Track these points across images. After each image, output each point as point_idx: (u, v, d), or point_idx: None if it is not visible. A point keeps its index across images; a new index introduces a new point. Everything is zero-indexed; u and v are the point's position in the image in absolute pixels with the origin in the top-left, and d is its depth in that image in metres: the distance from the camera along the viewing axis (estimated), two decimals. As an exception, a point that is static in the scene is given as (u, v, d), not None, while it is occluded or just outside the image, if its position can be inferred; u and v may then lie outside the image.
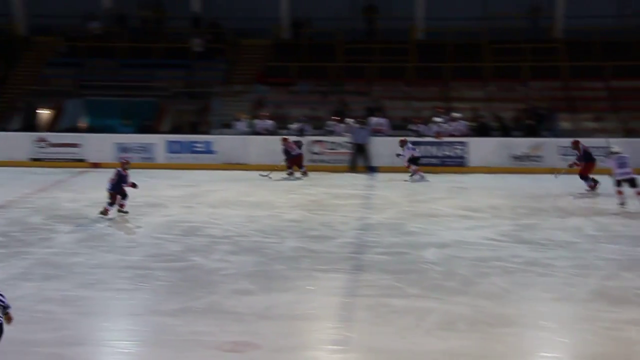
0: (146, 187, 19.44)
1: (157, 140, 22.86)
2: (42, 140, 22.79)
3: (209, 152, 22.34)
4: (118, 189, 15.57)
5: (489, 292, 11.06)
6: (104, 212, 15.47)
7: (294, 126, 23.28)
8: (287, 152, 21.09)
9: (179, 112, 25.57)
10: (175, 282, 11.61)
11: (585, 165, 18.54)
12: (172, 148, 22.39)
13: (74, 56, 27.08)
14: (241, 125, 23.33)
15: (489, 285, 11.39)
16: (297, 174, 21.05)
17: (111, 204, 15.58)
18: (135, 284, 11.50)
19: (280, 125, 23.52)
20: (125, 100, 24.83)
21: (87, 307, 10.50)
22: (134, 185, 15.78)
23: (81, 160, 22.46)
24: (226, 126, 23.63)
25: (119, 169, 15.77)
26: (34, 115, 25.56)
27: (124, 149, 22.52)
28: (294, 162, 21.13)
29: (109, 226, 15.07)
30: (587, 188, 18.45)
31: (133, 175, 19.57)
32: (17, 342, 9.19)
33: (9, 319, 7.95)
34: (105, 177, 20.19)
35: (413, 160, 20.84)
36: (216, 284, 11.48)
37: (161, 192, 18.86)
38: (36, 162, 22.37)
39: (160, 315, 10.19)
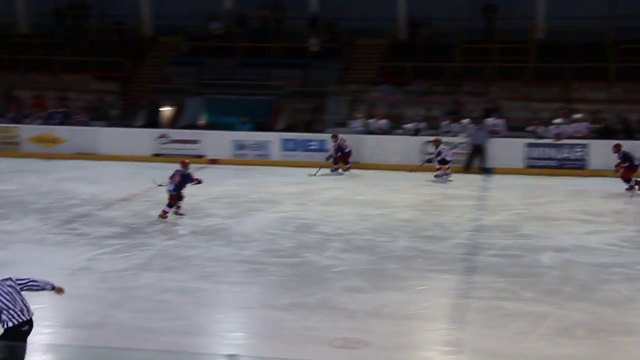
0: (261, 183, 19.84)
1: (273, 138, 23.25)
2: (164, 136, 23.58)
3: (323, 150, 22.51)
4: (180, 190, 15.10)
5: (610, 299, 10.65)
6: (163, 215, 15.05)
7: (409, 126, 23.16)
8: (340, 148, 21.42)
9: (295, 110, 25.89)
10: (287, 277, 11.77)
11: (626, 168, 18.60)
12: (287, 146, 22.71)
13: (196, 55, 27.88)
14: (355, 124, 23.40)
15: (610, 292, 10.97)
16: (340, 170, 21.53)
17: (170, 205, 15.14)
18: (249, 277, 11.74)
19: (394, 125, 23.44)
20: (243, 98, 25.36)
21: (203, 299, 10.79)
22: (199, 182, 15.39)
23: (200, 156, 23.11)
24: (340, 125, 23.76)
25: (181, 169, 15.30)
26: (156, 112, 26.50)
27: (240, 146, 23.01)
28: (343, 159, 21.47)
29: (224, 221, 15.42)
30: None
31: (248, 172, 20.00)
32: (138, 329, 9.57)
33: (59, 290, 8.39)
34: (222, 174, 20.87)
35: (443, 162, 20.76)
36: (328, 280, 11.57)
37: (275, 188, 19.15)
38: (158, 157, 23.16)
39: (272, 309, 10.36)
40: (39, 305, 10.37)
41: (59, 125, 24.16)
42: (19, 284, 7.98)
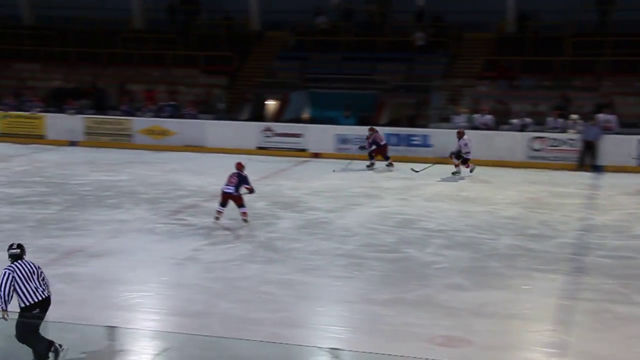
0: (362, 178, 19.84)
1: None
2: (268, 130, 23.90)
3: (426, 145, 22.28)
4: (238, 190, 14.44)
5: None
6: (217, 217, 14.50)
7: (515, 122, 22.63)
8: (376, 142, 21.12)
9: (398, 105, 25.73)
10: (388, 272, 11.73)
11: None
12: (390, 140, 22.59)
13: (301, 50, 28.10)
14: (459, 119, 23.05)
15: None
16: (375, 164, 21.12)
17: (240, 205, 14.49)
18: (349, 272, 11.77)
19: (500, 121, 22.95)
20: (346, 92, 25.38)
21: (304, 292, 10.90)
22: (251, 190, 14.57)
23: (303, 150, 23.30)
24: (444, 120, 23.46)
25: (238, 171, 14.64)
26: (261, 106, 26.88)
27: (343, 140, 23.05)
28: (379, 152, 21.23)
29: (326, 215, 15.50)
30: None
31: (350, 166, 19.99)
32: (241, 320, 9.76)
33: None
34: (324, 167, 20.97)
35: (458, 156, 19.85)
36: (429, 277, 11.47)
37: (377, 183, 19.11)
38: (262, 150, 23.50)
39: (372, 304, 10.36)
40: (146, 293, 10.81)
41: (169, 118, 24.85)
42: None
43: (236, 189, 14.35)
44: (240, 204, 14.45)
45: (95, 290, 10.82)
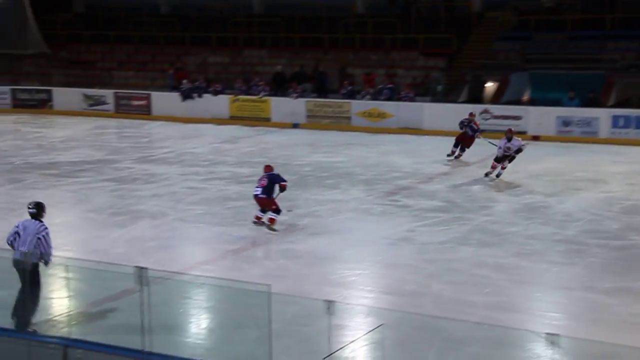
0: (586, 162, 18.94)
1: (601, 115, 22.00)
2: (486, 112, 23.46)
3: (659, 127, 20.86)
4: (271, 193, 13.00)
5: None
6: (256, 222, 13.15)
7: None
8: (473, 129, 19.23)
9: (628, 85, 24.23)
10: (611, 260, 11.16)
11: None
12: (618, 123, 21.36)
13: (524, 30, 27.24)
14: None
15: None
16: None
17: (263, 210, 13.11)
18: (569, 258, 11.33)
19: None
20: (570, 73, 24.30)
21: (520, 276, 10.65)
22: (284, 187, 13.06)
23: (522, 133, 22.62)
24: (680, 100, 21.82)
25: (267, 172, 13.28)
26: (480, 87, 26.42)
27: (565, 122, 22.13)
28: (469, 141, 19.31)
29: (545, 199, 14.98)
30: None
31: (572, 150, 19.13)
32: (454, 301, 9.73)
33: None
34: (545, 150, 20.26)
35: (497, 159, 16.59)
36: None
37: (602, 167, 18.17)
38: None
39: (594, 292, 9.92)
40: (361, 271, 11.07)
41: (387, 101, 25.14)
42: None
43: (265, 192, 12.92)
44: (271, 207, 12.99)
45: (314, 266, 11.25)
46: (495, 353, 8.12)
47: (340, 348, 7.08)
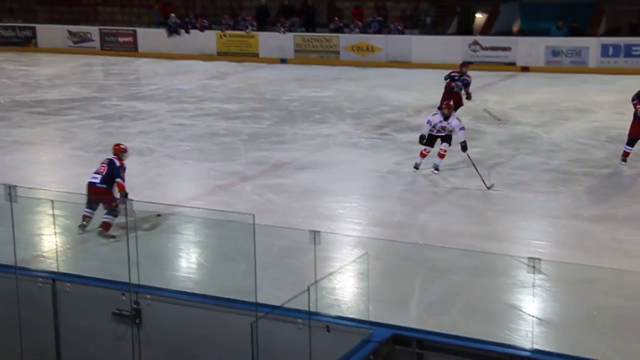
0: (574, 92, 18.91)
1: (591, 44, 21.89)
2: (476, 43, 23.31)
3: (648, 56, 20.79)
4: (110, 185, 9.71)
5: None
6: (84, 224, 9.61)
7: None
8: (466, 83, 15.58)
9: (618, 13, 24.03)
10: (597, 188, 11.27)
11: None
12: (607, 52, 21.26)
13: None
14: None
15: None
16: None
17: (93, 206, 9.67)
18: (555, 187, 11.41)
19: None
20: (560, 2, 24.08)
21: (507, 206, 10.74)
22: (124, 194, 9.46)
23: (511, 64, 22.55)
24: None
25: (114, 156, 9.95)
26: (470, 19, 26.19)
27: (554, 52, 22.02)
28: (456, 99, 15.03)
29: (533, 129, 15.00)
30: None
31: (561, 80, 18.98)
32: (441, 231, 9.83)
33: None
34: (534, 82, 20.22)
35: None
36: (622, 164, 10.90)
37: (590, 97, 18.15)
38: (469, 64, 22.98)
39: (579, 219, 10.01)
40: (349, 204, 11.14)
41: (375, 34, 24.92)
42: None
43: (105, 180, 9.67)
44: (108, 204, 9.56)
45: (302, 200, 11.29)
46: (479, 280, 8.26)
47: (325, 276, 7.16)
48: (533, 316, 7.42)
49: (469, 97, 15.41)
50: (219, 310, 6.78)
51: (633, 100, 12.14)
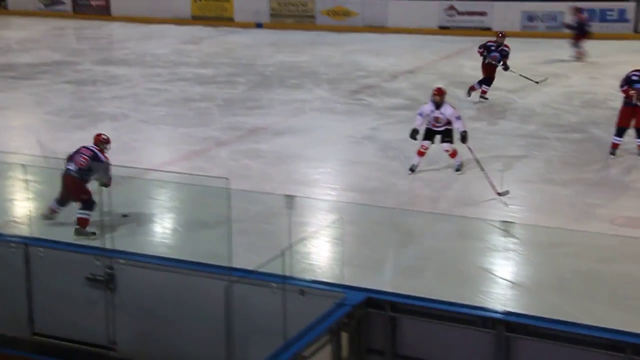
0: (549, 57, 18.94)
1: (566, 9, 21.87)
2: (452, 8, 23.22)
3: (623, 20, 20.79)
4: (87, 178, 8.61)
5: None
6: (48, 216, 8.80)
7: None
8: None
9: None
10: (570, 152, 11.36)
11: None
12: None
13: None
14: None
15: None
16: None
17: (63, 201, 8.77)
18: (529, 151, 11.48)
19: None
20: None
21: (480, 171, 10.76)
22: (106, 183, 8.33)
23: (486, 29, 22.50)
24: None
25: (93, 146, 8.80)
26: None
27: (530, 17, 22.01)
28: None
29: (507, 95, 15.03)
30: None
31: (537, 45, 18.94)
32: (415, 197, 9.84)
33: None
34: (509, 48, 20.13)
35: None
36: (615, 157, 10.96)
37: (565, 62, 18.20)
38: (444, 30, 22.95)
39: (552, 184, 10.10)
40: (325, 169, 11.15)
41: (351, -1, 24.77)
42: None
43: (83, 175, 8.58)
44: (80, 198, 8.59)
45: (277, 166, 11.27)
46: (453, 244, 8.33)
47: (299, 240, 7.18)
48: (505, 279, 7.51)
49: (506, 68, 14.57)
50: (192, 275, 6.79)
51: (622, 86, 11.16)
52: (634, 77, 10.89)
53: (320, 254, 8.08)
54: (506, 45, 14.66)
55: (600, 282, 7.49)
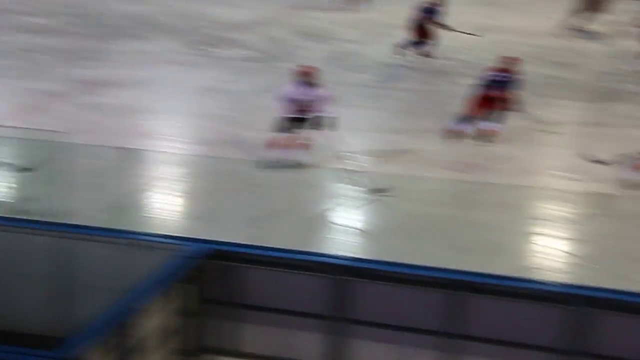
0: (399, 10, 19.17)
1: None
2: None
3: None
4: None
5: None
6: None
7: None
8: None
9: None
10: (414, 103, 11.84)
11: None
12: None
13: None
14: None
15: None
16: None
17: None
18: (375, 102, 11.82)
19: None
20: None
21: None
22: None
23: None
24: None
25: None
26: None
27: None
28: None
29: (355, 47, 15.15)
30: None
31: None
32: (260, 148, 9.86)
33: None
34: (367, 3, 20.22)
35: None
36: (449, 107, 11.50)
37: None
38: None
39: (398, 133, 10.55)
40: (173, 122, 10.99)
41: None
42: None
43: None
44: None
45: (122, 119, 10.96)
46: (298, 194, 8.49)
47: (141, 191, 7.08)
48: (347, 226, 7.75)
49: (443, 27, 13.66)
50: (17, 232, 6.50)
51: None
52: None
53: (165, 207, 8.02)
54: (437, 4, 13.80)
55: (437, 226, 7.87)
